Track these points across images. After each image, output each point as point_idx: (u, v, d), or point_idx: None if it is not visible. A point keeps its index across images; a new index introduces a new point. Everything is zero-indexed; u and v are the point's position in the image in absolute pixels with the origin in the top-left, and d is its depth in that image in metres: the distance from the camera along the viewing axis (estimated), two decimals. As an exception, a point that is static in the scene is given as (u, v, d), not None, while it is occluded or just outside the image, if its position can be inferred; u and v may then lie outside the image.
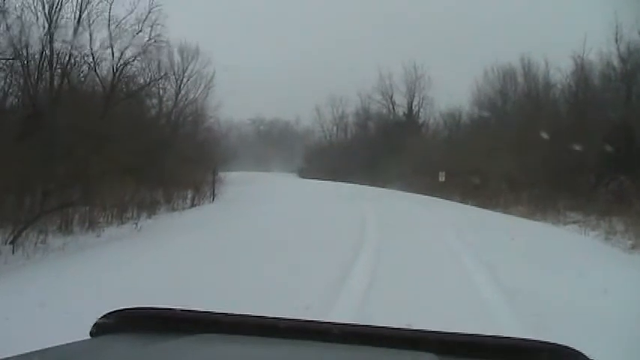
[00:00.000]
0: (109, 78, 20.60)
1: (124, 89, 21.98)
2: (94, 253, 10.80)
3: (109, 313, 1.44)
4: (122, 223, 16.21)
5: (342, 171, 47.26)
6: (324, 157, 53.67)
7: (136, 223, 15.01)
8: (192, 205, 21.26)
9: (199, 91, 37.09)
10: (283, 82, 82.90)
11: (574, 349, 1.31)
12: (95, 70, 19.78)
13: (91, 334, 1.42)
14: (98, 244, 12.57)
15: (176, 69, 36.37)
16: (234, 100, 75.95)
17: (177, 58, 36.71)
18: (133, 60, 20.14)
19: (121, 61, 20.35)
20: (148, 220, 17.22)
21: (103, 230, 14.72)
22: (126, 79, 21.38)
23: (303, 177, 54.21)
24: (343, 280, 7.18)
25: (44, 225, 13.12)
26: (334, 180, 43.73)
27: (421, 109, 47.45)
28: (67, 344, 1.30)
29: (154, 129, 25.52)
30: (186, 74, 36.60)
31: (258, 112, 79.44)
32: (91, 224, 14.86)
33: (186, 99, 34.43)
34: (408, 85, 47.45)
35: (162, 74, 26.88)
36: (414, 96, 47.19)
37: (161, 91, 34.20)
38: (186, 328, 1.39)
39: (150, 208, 18.87)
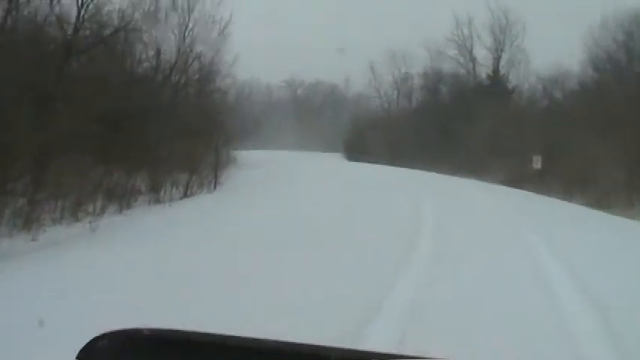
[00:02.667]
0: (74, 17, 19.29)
1: (105, 33, 20.69)
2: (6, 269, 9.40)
3: (95, 340, 1.46)
4: (77, 219, 14.90)
5: (404, 152, 45.43)
6: (381, 133, 51.79)
7: (91, 222, 13.64)
8: (185, 195, 19.88)
9: (210, 40, 35.77)
10: (329, 34, 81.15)
11: None
12: (51, 6, 18.44)
13: None
14: (27, 253, 11.21)
15: (179, 10, 35.22)
16: (264, 57, 74.66)
17: (181, -6, 35.50)
18: (104, -8, 18.68)
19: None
20: (115, 217, 15.90)
21: (44, 231, 13.41)
22: (97, 20, 20.01)
23: (351, 159, 52.49)
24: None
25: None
26: (392, 164, 42.02)
27: (512, 69, 45.08)
28: None
29: (142, 90, 24.24)
30: (192, 17, 35.36)
31: (296, 72, 77.73)
32: (29, 223, 13.55)
33: (190, 50, 33.12)
34: (495, 35, 45.13)
35: (153, 13, 25.42)
36: (502, 51, 44.83)
37: (159, 40, 33.23)
38: (192, 353, 1.49)
39: (124, 198, 17.55)
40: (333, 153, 58.33)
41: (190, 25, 35.13)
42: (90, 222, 13.73)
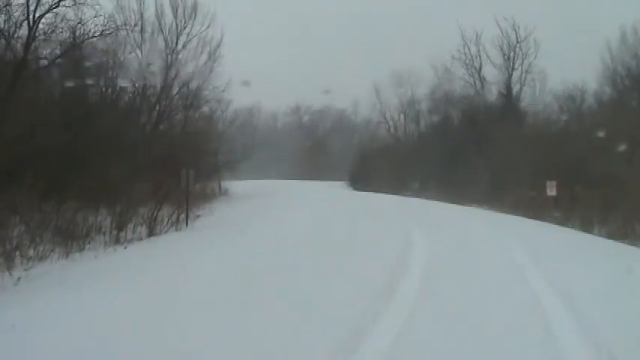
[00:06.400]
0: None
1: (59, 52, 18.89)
2: None
3: None
4: (10, 266, 12.93)
5: (412, 180, 43.53)
6: (387, 161, 49.81)
7: (11, 272, 11.66)
8: (151, 234, 17.88)
9: (201, 63, 34.23)
10: (336, 57, 79.75)
11: None
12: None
13: None
14: None
15: (166, 32, 33.78)
16: (269, 84, 73.46)
17: (169, 16, 34.07)
18: (56, 5, 16.90)
19: (41, 8, 17.18)
20: (60, 262, 13.92)
21: (-41, 283, 11.48)
22: (53, 38, 18.26)
23: (358, 188, 50.47)
24: None
25: None
26: (399, 193, 40.14)
27: (524, 88, 43.10)
28: None
29: (112, 117, 22.46)
30: (180, 40, 33.86)
31: (303, 98, 75.96)
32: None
33: (175, 74, 31.45)
34: (505, 52, 43.20)
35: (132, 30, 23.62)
36: (513, 69, 42.94)
37: (144, 62, 31.66)
38: None
39: (75, 239, 15.57)
40: (339, 181, 56.37)
41: (179, 47, 33.69)
42: (10, 272, 11.71)
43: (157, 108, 29.86)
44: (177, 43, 33.44)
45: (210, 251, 14.31)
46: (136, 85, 29.34)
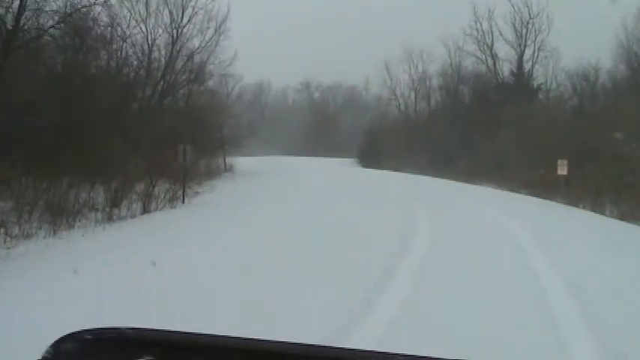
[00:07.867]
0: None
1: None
2: None
3: (60, 341, 1.37)
4: (-6, 245, 12.33)
5: (422, 157, 42.64)
6: (397, 138, 48.93)
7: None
8: (145, 211, 17.18)
9: (207, 37, 33.37)
10: (347, 33, 78.76)
11: None
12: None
13: None
14: None
15: (171, 5, 32.90)
16: (280, 60, 72.64)
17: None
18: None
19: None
20: (46, 240, 13.28)
21: None
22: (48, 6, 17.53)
23: (367, 166, 49.61)
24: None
25: None
26: (410, 171, 39.33)
27: (536, 66, 42.03)
28: None
29: (115, 90, 21.73)
30: (186, 13, 32.98)
31: (314, 74, 75.01)
32: None
33: (180, 48, 30.64)
34: (517, 29, 42.13)
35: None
36: (525, 46, 41.95)
37: (149, 37, 30.91)
38: (164, 354, 1.40)
39: (64, 216, 14.93)
40: (349, 159, 55.48)
41: (184, 21, 32.85)
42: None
43: (162, 83, 29.18)
44: (182, 16, 32.58)
45: (199, 233, 13.53)
46: (140, 58, 28.68)
